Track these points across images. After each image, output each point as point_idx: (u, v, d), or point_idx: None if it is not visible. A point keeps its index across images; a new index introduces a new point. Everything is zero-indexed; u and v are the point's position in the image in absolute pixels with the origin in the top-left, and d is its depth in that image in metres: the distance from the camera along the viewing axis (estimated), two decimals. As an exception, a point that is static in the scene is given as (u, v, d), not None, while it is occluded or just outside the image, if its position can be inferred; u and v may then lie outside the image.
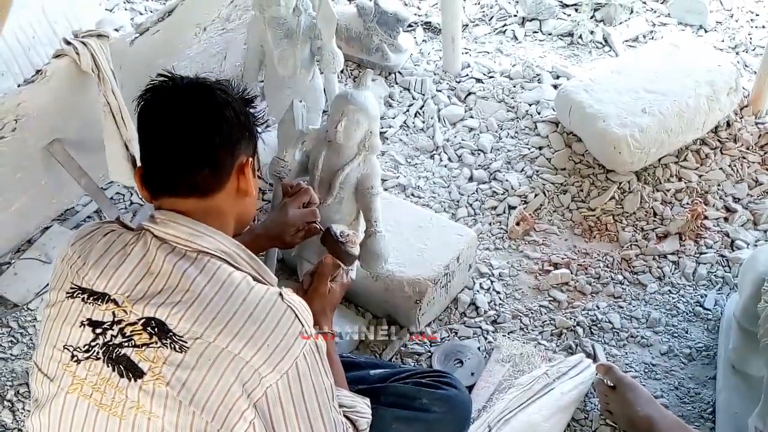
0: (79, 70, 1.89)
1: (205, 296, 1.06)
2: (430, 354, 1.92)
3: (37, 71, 1.87)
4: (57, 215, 2.26)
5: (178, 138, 1.13)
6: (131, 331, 1.06)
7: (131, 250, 1.12)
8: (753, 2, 3.07)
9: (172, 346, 1.04)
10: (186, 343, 1.04)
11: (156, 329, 1.05)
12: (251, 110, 1.23)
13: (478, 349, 1.92)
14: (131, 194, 2.34)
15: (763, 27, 2.92)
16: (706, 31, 2.95)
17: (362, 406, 1.29)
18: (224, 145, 1.15)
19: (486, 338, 1.96)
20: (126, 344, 1.06)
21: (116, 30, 2.69)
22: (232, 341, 1.03)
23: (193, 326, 1.04)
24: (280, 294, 1.10)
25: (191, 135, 1.13)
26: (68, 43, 1.87)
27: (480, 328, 1.98)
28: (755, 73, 2.55)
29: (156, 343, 1.05)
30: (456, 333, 1.98)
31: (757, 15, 3.01)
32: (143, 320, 1.06)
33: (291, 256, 1.99)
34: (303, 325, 1.08)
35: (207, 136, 1.14)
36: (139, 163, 1.21)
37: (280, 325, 1.06)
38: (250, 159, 1.20)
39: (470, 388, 1.80)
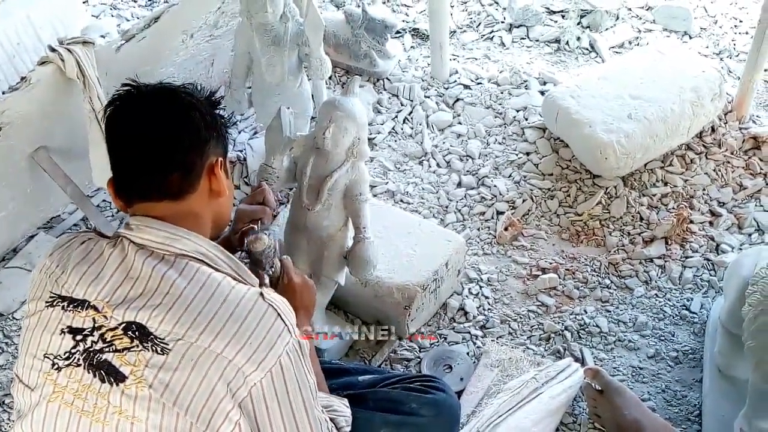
0: (64, 77, 1.88)
1: (186, 297, 1.06)
2: (419, 360, 1.92)
3: (22, 78, 1.87)
4: (43, 223, 2.24)
5: (144, 143, 1.14)
6: (112, 336, 1.06)
7: (109, 256, 1.11)
8: (737, 9, 3.11)
9: (154, 348, 1.04)
10: (168, 345, 1.04)
11: (137, 333, 1.05)
12: (218, 111, 1.23)
13: (467, 354, 1.93)
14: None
15: (747, 33, 2.95)
16: (690, 38, 2.98)
17: (339, 405, 1.30)
18: (192, 147, 1.16)
19: (475, 343, 1.96)
20: (107, 349, 1.05)
21: (102, 36, 2.69)
22: (214, 340, 1.03)
23: (174, 328, 1.04)
24: (261, 293, 1.10)
25: (158, 139, 1.14)
26: (53, 50, 1.87)
27: (469, 333, 1.99)
28: (739, 78, 2.58)
29: (137, 346, 1.04)
30: (445, 338, 1.98)
31: (740, 21, 3.04)
32: (123, 324, 1.06)
33: (279, 262, 1.99)
34: (285, 324, 1.09)
35: (173, 139, 1.14)
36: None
37: (262, 323, 1.06)
38: (221, 159, 1.21)
39: (460, 393, 1.80)
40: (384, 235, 1.98)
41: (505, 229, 2.23)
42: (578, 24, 3.01)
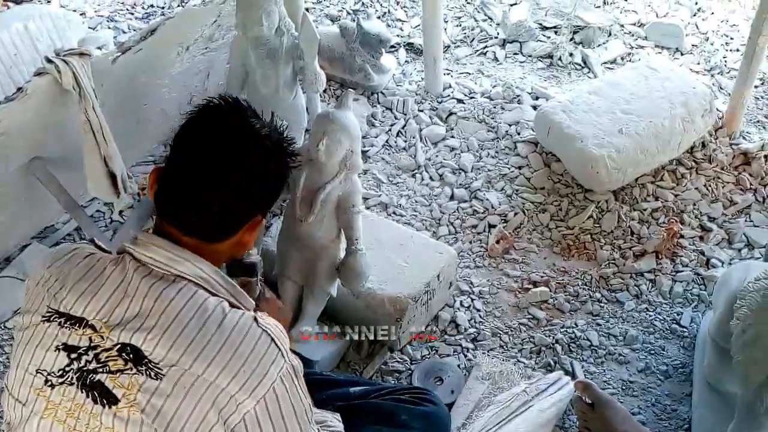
0: (60, 88, 1.89)
1: (181, 321, 1.05)
2: (410, 372, 1.92)
3: (18, 89, 1.87)
4: (36, 233, 2.24)
5: (212, 192, 1.11)
6: (106, 357, 1.05)
7: (110, 273, 1.10)
8: (728, 26, 3.15)
9: (148, 373, 1.03)
10: (162, 370, 1.03)
11: (131, 355, 1.04)
12: (291, 163, 1.20)
13: (459, 366, 1.93)
14: (111, 212, 2.33)
15: (737, 50, 2.99)
16: (682, 54, 3.02)
17: (332, 420, 1.30)
18: (250, 213, 1.16)
19: (466, 356, 1.97)
20: (100, 370, 1.05)
21: (99, 48, 2.71)
22: (207, 368, 1.03)
23: (168, 353, 1.03)
24: (255, 318, 1.09)
25: (226, 198, 1.12)
26: (50, 61, 1.87)
27: (460, 345, 2.00)
28: (730, 94, 2.60)
29: (131, 369, 1.04)
30: (436, 351, 1.99)
31: (731, 39, 3.08)
32: (119, 346, 1.05)
33: (272, 275, 1.99)
34: (279, 349, 1.08)
35: (240, 203, 1.13)
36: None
37: (256, 350, 1.05)
38: (262, 216, 1.20)
39: (450, 405, 1.80)
40: (376, 247, 1.99)
41: (497, 242, 2.24)
42: (571, 40, 3.05)
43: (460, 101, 2.74)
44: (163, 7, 3.26)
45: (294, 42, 2.19)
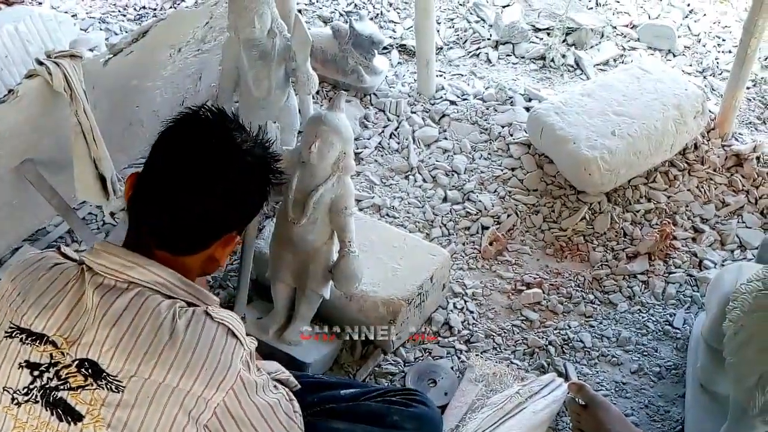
0: (51, 90, 1.88)
1: (134, 330, 1.04)
2: (403, 374, 1.92)
3: (9, 91, 1.86)
4: (28, 235, 2.23)
5: (195, 199, 1.11)
6: (66, 374, 1.04)
7: (71, 287, 1.08)
8: (720, 28, 3.17)
9: (108, 387, 1.02)
10: (121, 382, 1.02)
11: (90, 370, 1.03)
12: (273, 180, 1.20)
13: (452, 368, 1.93)
14: (103, 214, 2.32)
15: (730, 52, 3.00)
16: (674, 56, 3.03)
17: (282, 367, 1.35)
18: (228, 225, 1.15)
19: (459, 358, 1.97)
20: (62, 387, 1.04)
21: (91, 50, 2.70)
22: (168, 374, 1.02)
23: (125, 364, 1.02)
24: (207, 312, 1.08)
25: (203, 213, 1.11)
26: (41, 63, 1.86)
27: (453, 347, 1.99)
28: (722, 96, 2.61)
29: (91, 384, 1.03)
30: (430, 353, 1.98)
31: (723, 40, 3.10)
32: (77, 362, 1.04)
33: (265, 276, 1.99)
34: (237, 338, 1.09)
35: (226, 211, 1.13)
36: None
37: (215, 346, 1.05)
38: (237, 232, 1.19)
39: (444, 407, 1.80)
40: (369, 249, 1.98)
41: (490, 243, 2.24)
42: (563, 41, 3.05)
43: (452, 103, 2.74)
44: (155, 9, 3.25)
45: (286, 44, 2.19)
